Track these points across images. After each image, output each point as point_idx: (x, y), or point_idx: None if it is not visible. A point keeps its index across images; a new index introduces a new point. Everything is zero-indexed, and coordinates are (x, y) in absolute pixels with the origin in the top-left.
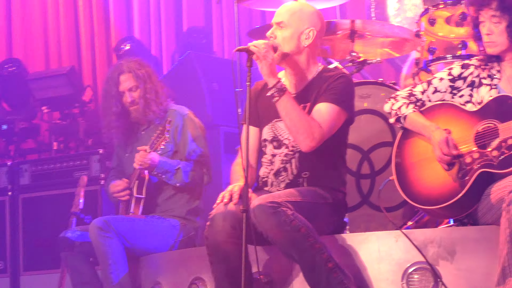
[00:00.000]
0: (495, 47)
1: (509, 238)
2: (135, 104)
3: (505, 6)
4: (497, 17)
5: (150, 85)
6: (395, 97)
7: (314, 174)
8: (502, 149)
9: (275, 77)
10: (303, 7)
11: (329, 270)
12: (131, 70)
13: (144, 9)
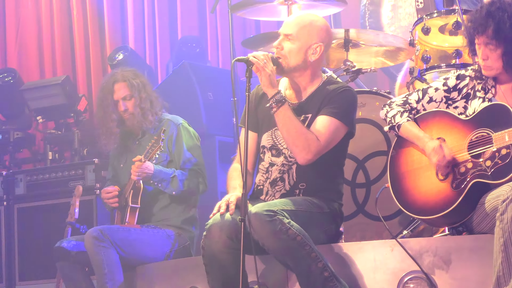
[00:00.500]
0: (491, 70)
1: (503, 247)
2: (129, 113)
3: (500, 34)
4: (492, 44)
5: (144, 94)
6: (390, 104)
7: (311, 185)
8: (495, 159)
9: (274, 88)
10: (314, 21)
11: (325, 279)
12: (125, 79)
13: (139, 18)
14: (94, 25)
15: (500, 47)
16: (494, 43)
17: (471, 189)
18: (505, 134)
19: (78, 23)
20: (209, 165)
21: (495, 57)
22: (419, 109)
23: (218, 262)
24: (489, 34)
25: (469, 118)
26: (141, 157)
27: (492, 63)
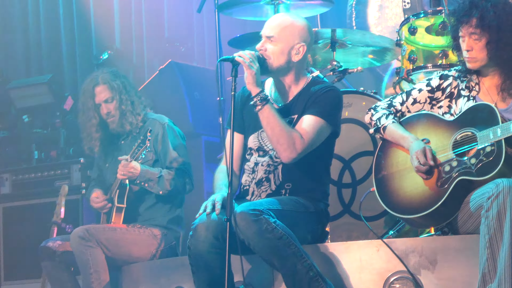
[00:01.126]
0: (475, 62)
1: (489, 244)
2: (111, 116)
3: (485, 23)
4: (477, 34)
5: (125, 96)
6: (374, 107)
7: (297, 185)
8: (480, 156)
9: (259, 87)
10: (295, 22)
11: (310, 278)
12: (106, 82)
13: (126, 18)
14: (80, 24)
15: (485, 36)
16: (479, 32)
17: (456, 187)
18: (490, 132)
19: (65, 22)
20: (195, 164)
21: (480, 47)
22: (404, 111)
23: (204, 262)
24: (473, 24)
25: (453, 119)
26: (127, 157)
27: (477, 54)
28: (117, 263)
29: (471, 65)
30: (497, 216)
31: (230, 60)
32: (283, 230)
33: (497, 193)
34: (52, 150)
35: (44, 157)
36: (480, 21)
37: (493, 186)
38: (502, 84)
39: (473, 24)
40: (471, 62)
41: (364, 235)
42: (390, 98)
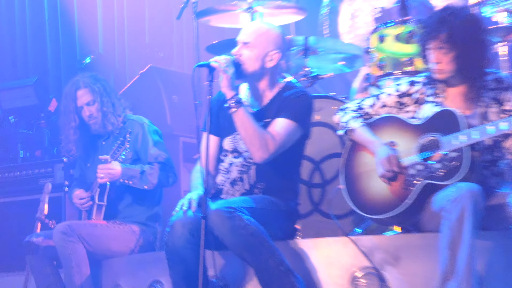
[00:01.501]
0: (443, 74)
1: (449, 244)
2: (93, 118)
3: (453, 39)
4: (445, 48)
5: (106, 98)
6: (344, 109)
7: (269, 185)
8: (444, 161)
9: (233, 90)
10: (270, 30)
11: (280, 273)
12: (87, 85)
13: (109, 24)
14: (65, 29)
15: (453, 51)
16: (447, 46)
17: (420, 190)
18: (454, 137)
19: (50, 27)
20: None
21: (448, 60)
22: (372, 114)
23: (180, 257)
24: (442, 39)
25: (419, 123)
26: (108, 157)
27: (444, 66)
28: (98, 258)
29: (439, 76)
30: (458, 218)
31: (206, 65)
32: (255, 226)
33: (458, 196)
34: (37, 150)
35: (29, 156)
36: (449, 37)
37: (455, 190)
38: (467, 93)
39: (442, 39)
40: (438, 73)
41: (332, 232)
42: (360, 100)
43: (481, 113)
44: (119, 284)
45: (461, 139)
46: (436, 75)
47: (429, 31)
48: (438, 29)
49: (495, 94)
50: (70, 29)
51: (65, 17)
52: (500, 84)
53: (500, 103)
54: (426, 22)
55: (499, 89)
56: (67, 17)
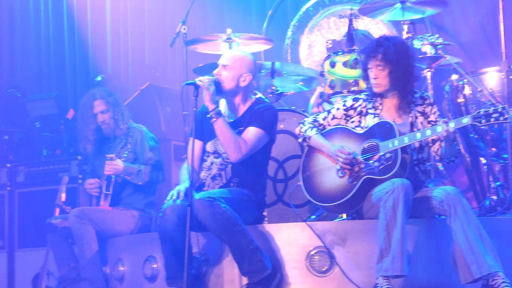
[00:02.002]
0: (380, 87)
1: (385, 227)
2: (105, 123)
3: (388, 58)
4: (381, 66)
5: (117, 108)
6: (303, 122)
7: (242, 180)
8: (381, 161)
9: (214, 104)
10: (244, 56)
11: (251, 250)
12: (102, 97)
13: (116, 48)
14: (81, 51)
15: (387, 68)
16: (383, 64)
17: (362, 184)
18: (389, 142)
19: (69, 51)
20: (166, 162)
21: (383, 76)
22: (325, 125)
23: (170, 237)
24: (379, 58)
25: (362, 132)
26: (113, 155)
27: (381, 81)
28: (104, 236)
29: (377, 90)
30: (392, 206)
31: (193, 84)
32: (231, 213)
33: (392, 189)
34: (57, 149)
35: (51, 154)
36: (384, 56)
37: (390, 184)
38: (399, 104)
39: (379, 58)
40: (377, 87)
41: (292, 219)
42: (315, 115)
43: (410, 123)
44: (121, 258)
45: (395, 143)
46: (375, 89)
47: (368, 52)
48: (375, 50)
49: (422, 108)
50: (85, 52)
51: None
52: (425, 100)
53: (425, 115)
54: (366, 47)
55: (425, 105)
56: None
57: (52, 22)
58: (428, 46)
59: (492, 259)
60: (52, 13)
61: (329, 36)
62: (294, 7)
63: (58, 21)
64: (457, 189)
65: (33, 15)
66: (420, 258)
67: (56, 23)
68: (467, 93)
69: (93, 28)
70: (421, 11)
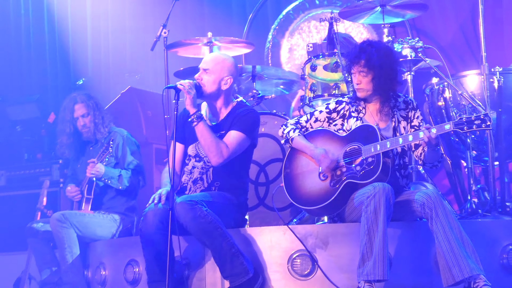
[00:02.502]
0: (363, 92)
1: (367, 231)
2: (86, 127)
3: (371, 64)
4: (364, 72)
5: (97, 112)
6: (285, 124)
7: (224, 183)
8: (363, 165)
9: (195, 108)
10: (226, 59)
11: (232, 254)
12: (83, 101)
13: (96, 52)
14: (62, 56)
15: (370, 73)
16: (366, 70)
17: (344, 187)
18: (371, 147)
19: (50, 55)
20: (147, 166)
21: (367, 81)
22: (308, 127)
23: (152, 241)
24: (362, 64)
25: (345, 135)
26: (95, 159)
27: (364, 86)
28: (85, 240)
29: (360, 94)
30: (374, 210)
31: (173, 87)
32: (212, 216)
33: (374, 193)
34: (38, 153)
35: (32, 158)
36: (367, 62)
37: (372, 188)
38: (382, 108)
39: (362, 64)
40: (360, 92)
41: (274, 222)
42: (297, 117)
43: (393, 127)
44: (103, 262)
45: (377, 147)
46: (358, 94)
47: (351, 58)
48: (359, 56)
49: (405, 113)
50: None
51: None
52: (408, 105)
53: (408, 120)
54: (349, 52)
55: (407, 109)
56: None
57: (33, 25)
58: (408, 50)
59: (473, 262)
60: (32, 16)
61: (310, 40)
62: (275, 11)
63: (39, 24)
64: (438, 192)
65: (13, 18)
66: (402, 261)
67: (36, 27)
68: (447, 96)
69: (73, 31)
70: (401, 15)
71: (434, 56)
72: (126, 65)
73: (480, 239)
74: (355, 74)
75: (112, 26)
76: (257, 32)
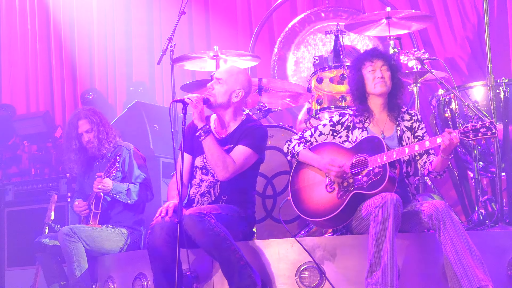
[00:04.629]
0: (384, 87)
1: (375, 241)
2: (91, 142)
3: (388, 61)
4: (386, 66)
5: (101, 127)
6: (290, 140)
7: (231, 197)
8: (370, 175)
9: (203, 122)
10: (240, 72)
11: (241, 266)
12: (86, 116)
13: (103, 66)
14: (67, 70)
15: (389, 71)
16: (386, 67)
17: (351, 199)
18: (378, 157)
19: (56, 69)
20: (154, 179)
21: (388, 76)
22: (312, 141)
23: (159, 254)
24: (382, 60)
25: (351, 147)
26: (102, 174)
27: (387, 79)
28: (94, 254)
29: (381, 89)
30: (382, 220)
31: (181, 101)
32: (221, 229)
33: (382, 203)
34: (46, 168)
35: (39, 172)
36: (386, 59)
37: (380, 198)
38: (386, 118)
39: (382, 60)
40: (382, 86)
41: (281, 234)
42: (301, 132)
43: (398, 136)
44: (111, 276)
45: (383, 158)
46: (379, 88)
47: (368, 56)
48: (377, 53)
49: (409, 124)
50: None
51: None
52: (412, 116)
53: (412, 130)
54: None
55: (411, 120)
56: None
57: (39, 39)
58: (414, 61)
59: (482, 272)
60: (38, 30)
61: (316, 52)
62: (280, 24)
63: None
64: (445, 203)
65: (19, 32)
66: (410, 272)
67: (43, 40)
68: (453, 107)
69: (80, 45)
70: (407, 26)
71: (440, 68)
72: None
73: (488, 250)
74: (375, 70)
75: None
76: (263, 45)
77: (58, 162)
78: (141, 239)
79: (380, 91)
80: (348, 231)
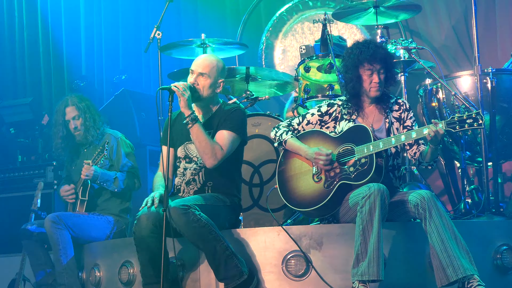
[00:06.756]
0: (380, 91)
1: (362, 232)
2: (78, 129)
3: (387, 63)
4: (382, 69)
5: (89, 114)
6: (277, 126)
7: (216, 183)
8: (357, 166)
9: (190, 110)
10: (219, 63)
11: (227, 256)
12: (74, 103)
13: (90, 54)
14: (55, 58)
15: (385, 71)
16: (383, 69)
17: (338, 189)
18: (364, 147)
19: (44, 56)
20: (141, 167)
21: (384, 78)
22: (300, 130)
23: (146, 243)
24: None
25: (337, 136)
26: (89, 161)
27: (383, 83)
28: (80, 242)
29: (378, 94)
30: (369, 211)
31: (167, 89)
32: (205, 220)
33: (369, 194)
34: (32, 155)
35: (26, 160)
36: (383, 62)
37: (366, 188)
38: (375, 110)
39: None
40: (378, 90)
41: (268, 223)
42: (289, 119)
43: (386, 128)
44: (98, 263)
45: (370, 148)
46: (375, 93)
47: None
48: (376, 56)
49: (398, 114)
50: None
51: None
52: (401, 106)
53: (401, 121)
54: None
55: (400, 110)
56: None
57: (26, 27)
58: (401, 51)
59: (467, 262)
60: (26, 18)
61: (303, 41)
62: (268, 12)
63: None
64: (431, 192)
65: (7, 20)
66: (396, 261)
67: (30, 28)
68: (441, 97)
69: (67, 33)
70: (394, 16)
71: (428, 57)
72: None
73: (474, 239)
74: (373, 73)
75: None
76: (250, 34)
77: (44, 149)
78: (127, 227)
79: (375, 95)
80: (335, 220)
